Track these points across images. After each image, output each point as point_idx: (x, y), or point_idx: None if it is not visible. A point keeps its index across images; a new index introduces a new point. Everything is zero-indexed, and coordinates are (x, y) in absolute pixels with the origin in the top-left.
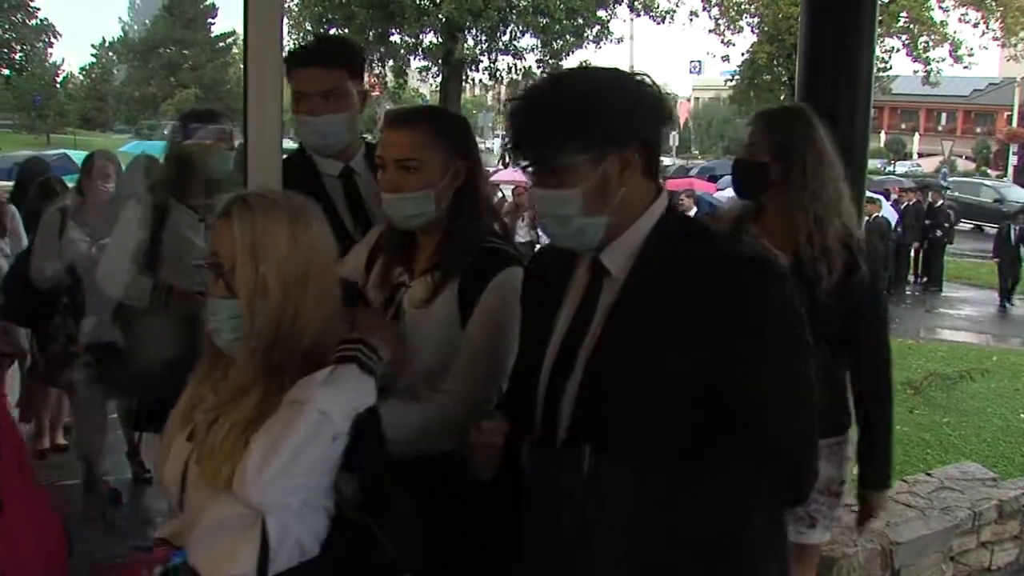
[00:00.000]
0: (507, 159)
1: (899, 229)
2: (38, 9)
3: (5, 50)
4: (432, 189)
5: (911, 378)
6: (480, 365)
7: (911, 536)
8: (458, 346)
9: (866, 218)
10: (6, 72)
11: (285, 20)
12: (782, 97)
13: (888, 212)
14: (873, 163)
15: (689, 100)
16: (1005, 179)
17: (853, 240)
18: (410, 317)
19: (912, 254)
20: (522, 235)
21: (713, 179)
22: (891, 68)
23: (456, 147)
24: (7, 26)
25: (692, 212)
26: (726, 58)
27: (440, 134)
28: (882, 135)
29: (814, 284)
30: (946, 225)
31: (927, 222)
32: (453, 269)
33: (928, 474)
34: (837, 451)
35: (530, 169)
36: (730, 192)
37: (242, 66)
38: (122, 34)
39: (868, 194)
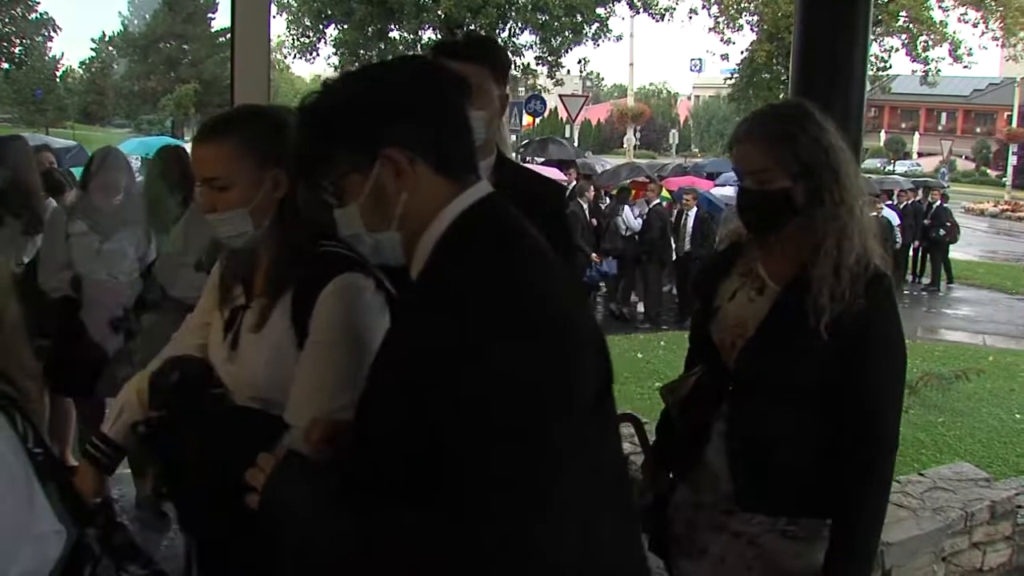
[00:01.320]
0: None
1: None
2: (38, 3)
3: (4, 44)
4: (245, 206)
5: (907, 378)
6: (321, 383)
7: (902, 536)
8: (294, 367)
9: None
10: (5, 66)
11: (284, 15)
12: (780, 96)
13: (888, 214)
14: (872, 162)
15: (689, 98)
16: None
17: (874, 267)
18: (244, 341)
19: (911, 253)
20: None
21: (711, 176)
22: (890, 67)
23: (269, 155)
24: (6, 20)
25: (693, 212)
26: (725, 56)
27: (248, 144)
28: (882, 134)
29: (817, 317)
30: (948, 224)
31: (927, 222)
32: (280, 285)
33: (921, 474)
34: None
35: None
36: (727, 190)
37: None
38: (122, 28)
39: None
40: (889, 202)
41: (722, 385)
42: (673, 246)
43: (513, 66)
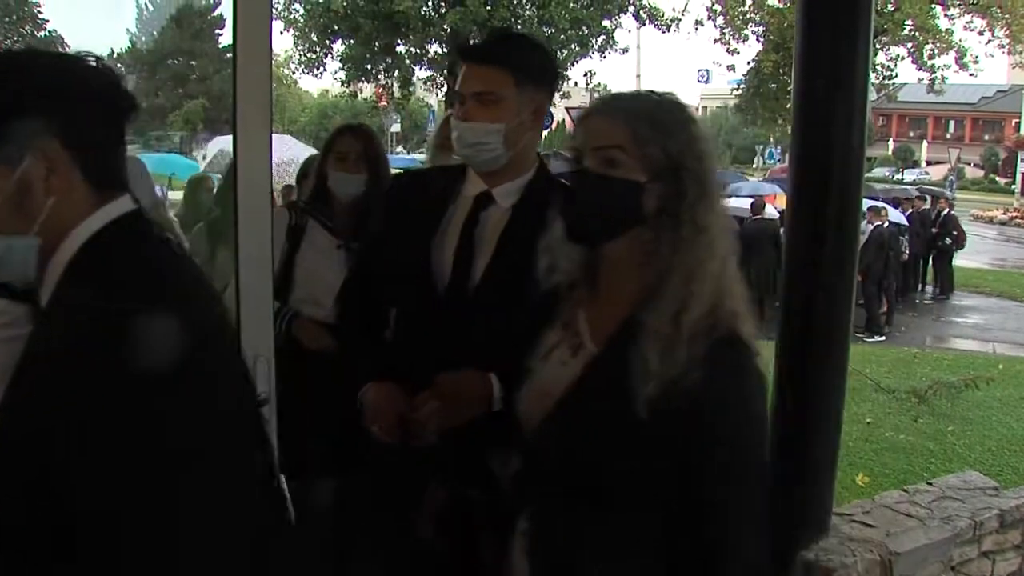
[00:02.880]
0: None
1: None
2: (47, 20)
3: None
4: None
5: (916, 386)
6: None
7: (911, 546)
8: None
9: (869, 227)
10: None
11: (291, 31)
12: (788, 106)
13: (898, 217)
14: (881, 171)
15: (697, 109)
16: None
17: (727, 328)
18: None
19: (921, 262)
20: None
21: None
22: (896, 76)
23: None
24: (16, 38)
25: None
26: (732, 67)
27: None
28: (890, 143)
29: (638, 387)
30: (955, 233)
31: (935, 231)
32: None
33: (929, 483)
34: None
35: None
36: (731, 202)
37: None
38: (130, 45)
39: (872, 203)
40: (898, 210)
41: (523, 471)
42: None
43: None
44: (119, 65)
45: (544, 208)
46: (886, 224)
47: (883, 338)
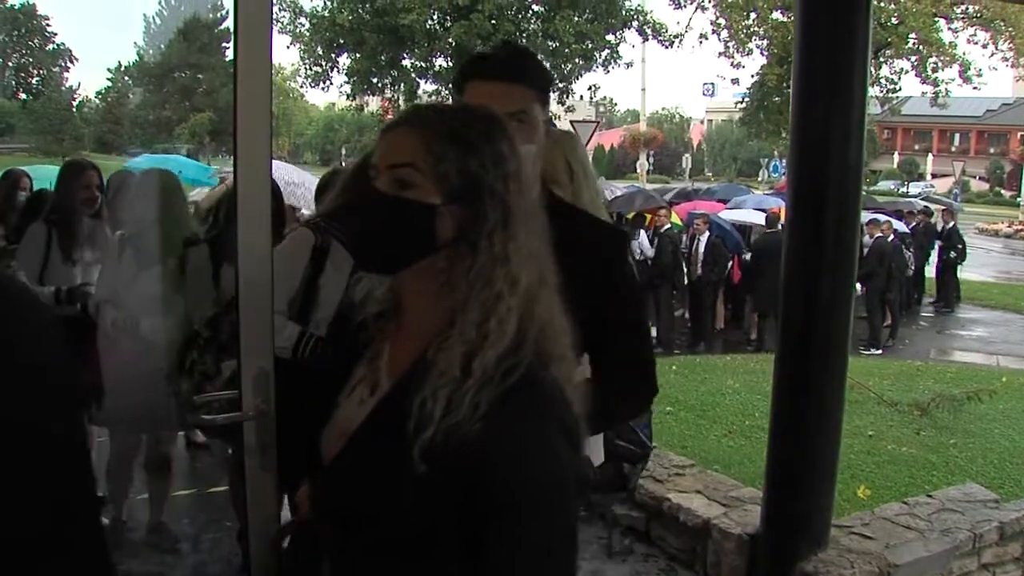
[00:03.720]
0: None
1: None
2: (55, 34)
3: (22, 75)
4: None
5: (918, 399)
6: None
7: (910, 558)
8: None
9: (867, 239)
10: (23, 96)
11: (298, 45)
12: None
13: (900, 226)
14: (886, 184)
15: (702, 122)
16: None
17: (523, 374)
18: None
19: (920, 276)
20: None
21: (722, 201)
22: (900, 89)
23: None
24: (24, 51)
25: (705, 236)
26: (736, 80)
27: None
28: (895, 156)
29: (416, 433)
30: (959, 246)
31: (940, 244)
32: None
33: (929, 496)
34: None
35: None
36: (736, 213)
37: None
38: (138, 58)
39: (873, 216)
40: (902, 222)
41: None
42: (685, 270)
43: None
44: (126, 78)
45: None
46: (890, 237)
47: (880, 351)
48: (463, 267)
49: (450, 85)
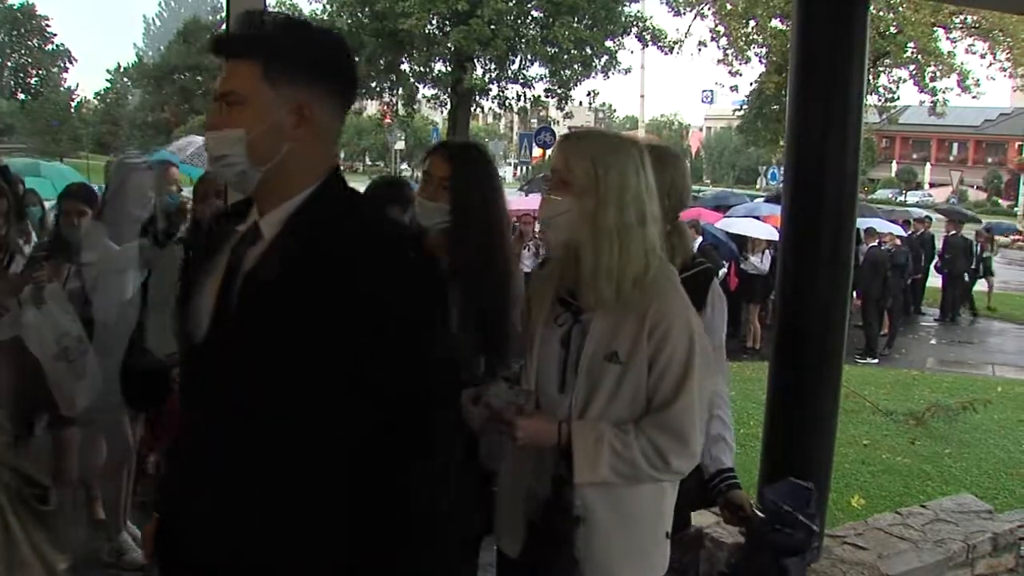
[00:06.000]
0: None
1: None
2: (54, 34)
3: (21, 75)
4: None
5: (914, 409)
6: None
7: (903, 568)
8: None
9: (863, 247)
10: (22, 97)
11: None
12: None
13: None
14: (884, 193)
15: (701, 129)
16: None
17: None
18: None
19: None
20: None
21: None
22: (898, 99)
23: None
24: (23, 51)
25: (697, 243)
26: (735, 88)
27: None
28: (893, 165)
29: None
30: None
31: (946, 256)
32: None
33: (923, 506)
34: None
35: None
36: (730, 222)
37: None
38: (137, 60)
39: (868, 224)
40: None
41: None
42: None
43: (524, 98)
44: (125, 79)
45: (311, 244)
46: (889, 246)
47: (876, 360)
48: None
49: (449, 89)
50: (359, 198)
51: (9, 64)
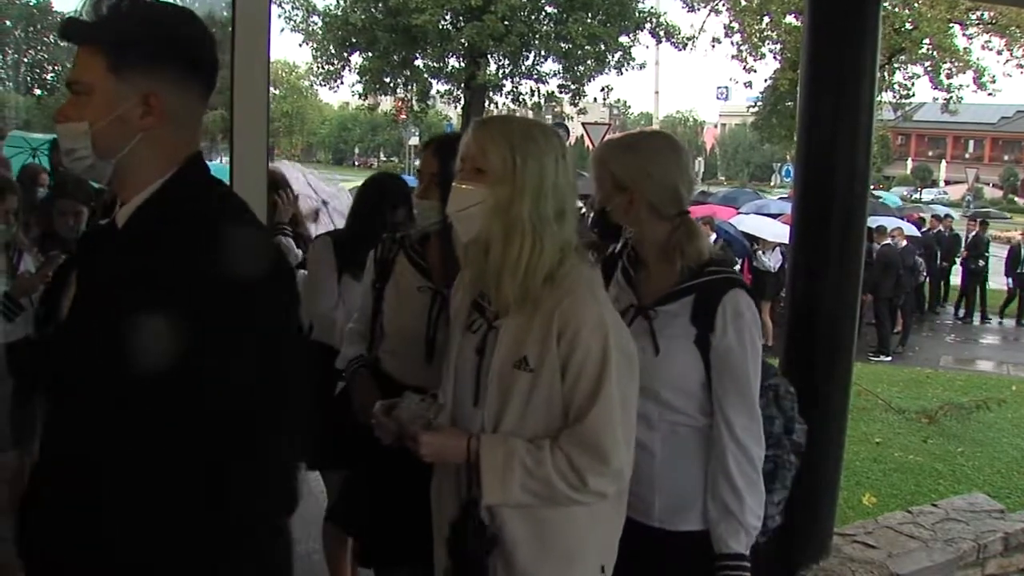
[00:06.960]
0: None
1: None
2: None
3: (37, 71)
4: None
5: (927, 407)
6: None
7: (913, 567)
8: None
9: (875, 246)
10: (37, 92)
11: (310, 44)
12: None
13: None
14: (900, 190)
15: (716, 126)
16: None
17: None
18: None
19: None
20: None
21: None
22: (913, 95)
23: None
24: (39, 47)
25: (711, 239)
26: (749, 84)
27: None
28: (909, 162)
29: None
30: (987, 255)
31: (967, 253)
32: None
33: (934, 505)
34: None
35: None
36: (744, 219)
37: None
38: None
39: (879, 223)
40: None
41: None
42: None
43: (537, 93)
44: None
45: (153, 236)
46: (902, 243)
47: (889, 358)
48: None
49: (462, 84)
50: (214, 186)
51: (25, 60)
